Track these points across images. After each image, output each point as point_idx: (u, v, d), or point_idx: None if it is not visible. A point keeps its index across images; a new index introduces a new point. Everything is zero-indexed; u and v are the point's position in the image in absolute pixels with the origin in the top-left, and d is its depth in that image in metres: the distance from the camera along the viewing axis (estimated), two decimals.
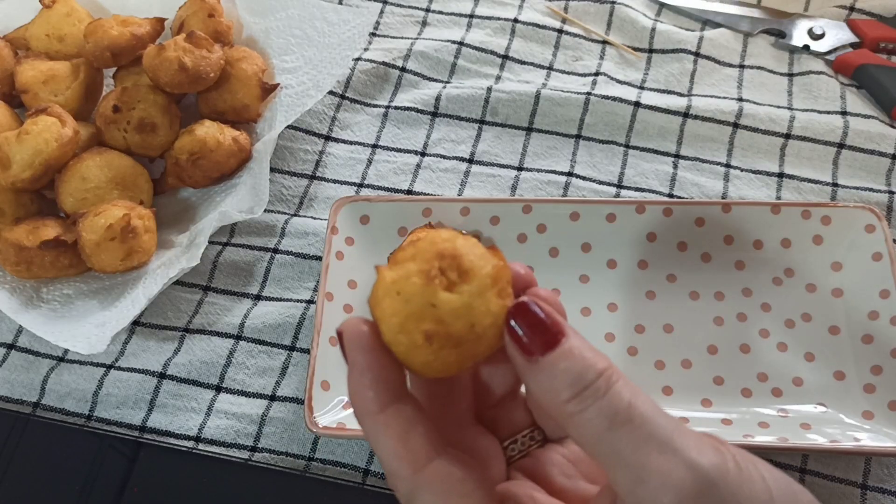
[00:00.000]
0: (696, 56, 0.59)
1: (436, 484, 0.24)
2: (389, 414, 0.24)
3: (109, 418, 0.47)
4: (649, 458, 0.22)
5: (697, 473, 0.22)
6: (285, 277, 0.51)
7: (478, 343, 0.24)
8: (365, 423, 0.25)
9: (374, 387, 0.24)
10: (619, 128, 0.56)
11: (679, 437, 0.22)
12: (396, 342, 0.24)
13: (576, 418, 0.23)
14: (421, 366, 0.25)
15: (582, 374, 0.23)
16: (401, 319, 0.24)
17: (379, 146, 0.56)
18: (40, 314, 0.49)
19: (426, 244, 0.25)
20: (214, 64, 0.53)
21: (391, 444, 0.24)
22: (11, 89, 0.54)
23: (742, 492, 0.22)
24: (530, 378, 0.24)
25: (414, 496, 0.24)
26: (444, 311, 0.24)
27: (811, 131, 0.55)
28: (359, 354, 0.25)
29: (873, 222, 0.47)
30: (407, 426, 0.25)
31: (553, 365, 0.23)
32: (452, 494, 0.24)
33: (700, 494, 0.22)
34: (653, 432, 0.22)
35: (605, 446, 0.22)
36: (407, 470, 0.24)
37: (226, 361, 0.48)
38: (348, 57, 0.56)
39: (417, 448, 0.24)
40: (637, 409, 0.23)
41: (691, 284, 0.49)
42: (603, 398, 0.23)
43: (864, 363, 0.45)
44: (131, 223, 0.47)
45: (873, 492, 0.43)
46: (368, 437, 0.25)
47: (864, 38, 0.59)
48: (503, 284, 0.25)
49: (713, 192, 0.53)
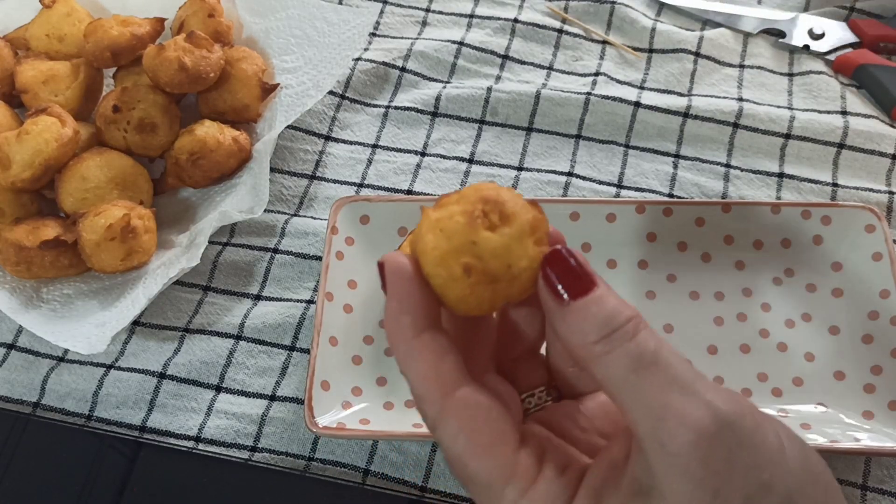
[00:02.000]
0: (697, 56, 0.59)
1: (463, 409, 0.25)
2: (424, 339, 0.25)
3: (109, 418, 0.47)
4: (671, 399, 0.23)
5: (716, 415, 0.23)
6: (285, 277, 0.51)
7: (512, 284, 0.26)
8: (399, 347, 0.26)
9: (412, 312, 0.25)
10: (619, 128, 0.56)
11: (700, 383, 0.23)
12: (435, 274, 0.26)
13: (603, 359, 0.24)
14: (456, 300, 0.26)
15: (612, 317, 0.24)
16: (441, 253, 0.25)
17: (379, 146, 0.56)
18: (40, 314, 0.49)
19: (471, 190, 0.26)
20: (214, 64, 0.53)
21: (423, 367, 0.25)
22: (11, 89, 0.54)
23: (755, 438, 0.23)
24: (560, 320, 0.25)
25: (440, 419, 0.25)
26: (483, 249, 0.25)
27: (811, 131, 0.55)
28: (399, 282, 0.26)
29: (873, 222, 0.47)
30: (440, 352, 0.25)
31: (585, 308, 0.24)
32: (478, 420, 0.25)
33: (716, 434, 0.22)
34: (676, 376, 0.23)
35: (628, 386, 0.23)
36: (436, 393, 0.25)
37: (226, 361, 0.48)
38: (348, 57, 0.56)
39: (448, 373, 0.25)
40: (662, 354, 0.24)
41: (691, 284, 0.49)
42: (630, 341, 0.24)
43: (864, 363, 0.45)
44: (131, 223, 0.47)
45: (873, 492, 0.43)
46: (401, 362, 0.26)
47: (864, 38, 0.59)
48: (541, 235, 0.26)
49: (713, 192, 0.53)
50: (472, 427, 0.25)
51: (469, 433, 0.25)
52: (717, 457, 0.22)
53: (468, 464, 0.25)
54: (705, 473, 0.22)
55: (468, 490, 0.26)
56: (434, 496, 0.44)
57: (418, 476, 0.44)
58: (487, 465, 0.25)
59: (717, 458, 0.22)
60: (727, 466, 0.22)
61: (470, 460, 0.25)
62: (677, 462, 0.23)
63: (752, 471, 0.23)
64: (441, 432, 0.25)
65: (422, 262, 0.26)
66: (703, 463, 0.22)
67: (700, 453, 0.22)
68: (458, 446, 0.25)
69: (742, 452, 0.23)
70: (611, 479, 0.25)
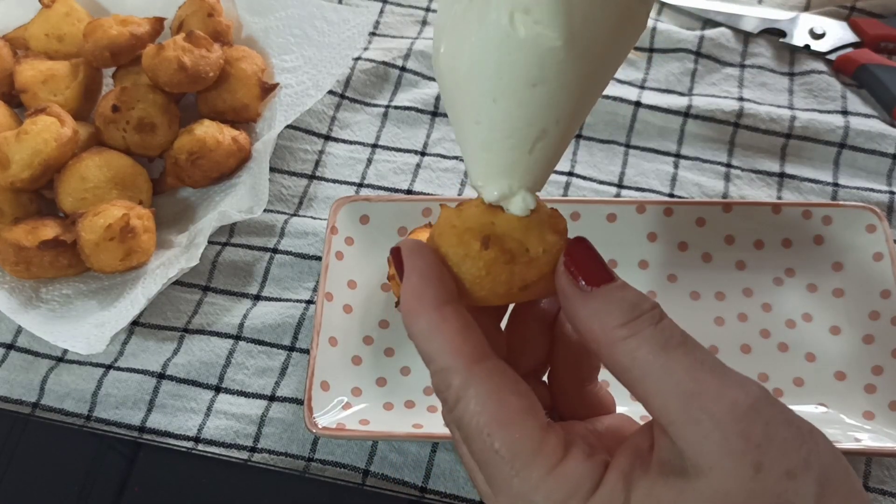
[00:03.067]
0: (697, 55, 0.59)
1: (492, 376, 0.24)
2: (448, 311, 0.25)
3: (109, 419, 0.47)
4: (703, 376, 0.23)
5: (750, 391, 0.23)
6: (285, 277, 0.51)
7: (528, 267, 0.26)
8: (420, 320, 0.25)
9: (434, 285, 0.25)
10: (620, 127, 0.56)
11: (728, 368, 0.23)
12: (453, 252, 0.26)
13: (627, 342, 0.23)
14: (472, 280, 0.26)
15: (637, 303, 0.24)
16: (460, 231, 0.26)
17: (379, 146, 0.56)
18: (39, 314, 0.48)
19: None
20: (214, 63, 0.52)
21: (448, 337, 0.25)
22: (11, 89, 0.54)
23: (790, 415, 0.23)
24: (581, 307, 0.25)
25: (467, 387, 0.24)
26: (501, 227, 0.26)
27: (812, 131, 0.55)
28: (419, 258, 0.26)
29: (874, 222, 0.47)
30: (466, 322, 0.25)
31: (609, 293, 0.24)
32: (504, 390, 0.24)
33: (753, 407, 0.22)
34: (705, 358, 0.23)
35: (657, 366, 0.23)
36: (463, 363, 0.24)
37: (225, 362, 0.48)
38: (348, 56, 0.56)
39: (474, 343, 0.25)
40: (689, 339, 0.24)
41: (692, 284, 0.49)
42: (657, 325, 0.24)
43: (865, 363, 0.45)
44: (130, 223, 0.47)
45: (873, 493, 0.43)
46: (422, 336, 0.25)
47: (864, 38, 0.59)
48: (560, 229, 0.27)
49: (714, 191, 0.53)
50: (501, 395, 0.24)
51: (498, 401, 0.24)
52: (756, 431, 0.22)
53: (495, 433, 0.24)
54: (746, 447, 0.22)
55: (487, 470, 0.24)
56: (434, 497, 0.44)
57: (418, 477, 0.44)
58: (515, 435, 0.24)
59: (756, 432, 0.22)
60: (767, 440, 0.22)
61: (497, 429, 0.24)
62: (715, 437, 0.22)
63: (793, 444, 0.22)
64: (466, 402, 0.24)
65: (439, 244, 0.26)
66: (743, 436, 0.22)
67: (740, 427, 0.22)
68: (484, 416, 0.24)
69: (780, 427, 0.22)
70: (638, 465, 0.24)
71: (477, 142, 0.26)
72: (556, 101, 0.25)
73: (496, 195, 0.26)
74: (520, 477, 0.24)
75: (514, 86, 0.25)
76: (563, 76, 0.25)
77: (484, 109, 0.26)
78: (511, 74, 0.25)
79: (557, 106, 0.25)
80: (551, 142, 0.26)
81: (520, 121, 0.25)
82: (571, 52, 0.24)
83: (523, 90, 0.25)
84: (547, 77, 0.25)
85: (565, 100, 0.25)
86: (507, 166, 0.26)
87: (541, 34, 0.24)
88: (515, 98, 0.25)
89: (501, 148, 0.26)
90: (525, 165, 0.26)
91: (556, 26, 0.24)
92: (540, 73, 0.25)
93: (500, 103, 0.25)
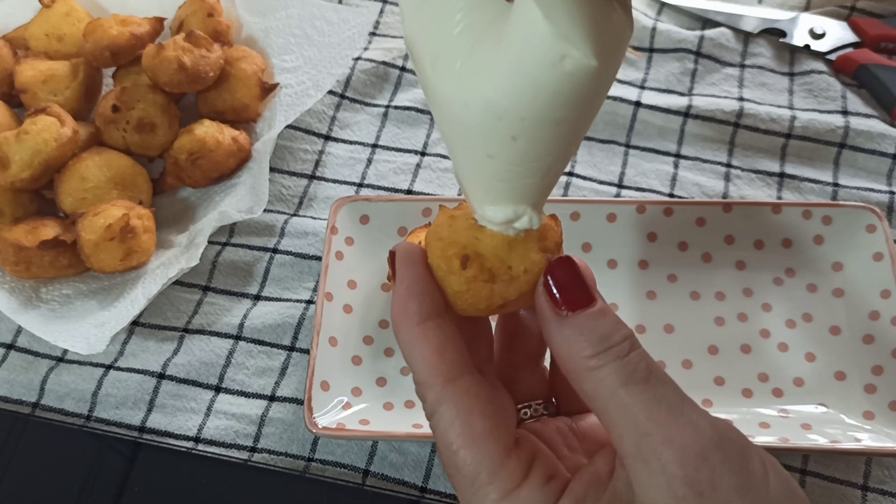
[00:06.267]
0: (697, 55, 0.59)
1: (462, 396, 0.25)
2: (429, 326, 0.26)
3: (109, 419, 0.47)
4: (658, 416, 0.23)
5: (702, 436, 0.23)
6: (285, 277, 0.51)
7: (509, 285, 0.26)
8: (403, 332, 0.26)
9: (419, 299, 0.26)
10: (620, 127, 0.56)
11: (688, 405, 0.24)
12: (437, 266, 0.26)
13: (594, 373, 0.24)
14: (454, 294, 0.26)
15: (608, 334, 0.24)
16: (445, 245, 0.26)
17: (379, 146, 0.56)
18: (39, 314, 0.48)
19: None
20: (214, 63, 0.52)
21: (426, 354, 0.25)
22: (11, 89, 0.54)
23: (740, 463, 0.23)
24: (555, 331, 0.25)
25: (438, 406, 0.25)
26: (484, 245, 0.26)
27: (812, 131, 0.55)
28: (409, 268, 0.26)
29: (874, 222, 0.47)
30: (444, 340, 0.26)
31: (583, 322, 0.24)
32: (474, 412, 0.25)
33: (701, 454, 0.22)
34: (665, 395, 0.23)
35: (617, 401, 0.23)
36: (438, 380, 0.25)
37: (225, 362, 0.48)
38: (348, 56, 0.56)
39: (451, 362, 0.25)
40: (653, 374, 0.24)
41: (692, 284, 0.49)
42: (623, 358, 0.24)
43: (865, 363, 0.45)
44: (130, 223, 0.47)
45: (874, 493, 0.43)
46: (404, 348, 0.26)
47: (864, 38, 0.59)
48: (550, 245, 0.27)
49: (714, 191, 0.53)
50: (469, 416, 0.25)
51: (465, 421, 0.25)
52: (701, 478, 0.22)
53: (459, 451, 0.25)
54: (688, 493, 0.22)
55: (453, 481, 0.26)
56: (434, 497, 0.44)
57: (418, 477, 0.44)
58: (477, 455, 0.25)
59: (701, 479, 0.22)
60: (710, 488, 0.22)
61: (461, 448, 0.25)
62: (660, 481, 0.22)
63: (735, 495, 0.22)
64: (438, 418, 0.25)
65: (428, 253, 0.27)
66: (687, 482, 0.22)
67: (684, 472, 0.22)
68: (452, 433, 0.25)
69: (726, 475, 0.22)
70: (592, 493, 0.25)
71: (488, 174, 0.25)
72: (578, 133, 0.25)
73: (502, 219, 0.26)
74: (478, 496, 0.25)
75: (539, 127, 0.23)
76: (589, 106, 0.24)
77: (500, 147, 0.24)
78: (538, 116, 0.23)
79: (578, 136, 0.25)
80: (563, 163, 0.26)
81: (539, 154, 0.24)
82: (603, 81, 0.23)
83: (547, 128, 0.23)
84: (573, 113, 0.23)
85: (584, 128, 0.25)
86: (520, 194, 0.25)
87: (580, 63, 0.22)
88: (538, 137, 0.24)
89: (516, 177, 0.25)
90: (537, 190, 0.26)
91: (592, 53, 0.22)
92: (566, 110, 0.23)
93: (520, 142, 0.24)
